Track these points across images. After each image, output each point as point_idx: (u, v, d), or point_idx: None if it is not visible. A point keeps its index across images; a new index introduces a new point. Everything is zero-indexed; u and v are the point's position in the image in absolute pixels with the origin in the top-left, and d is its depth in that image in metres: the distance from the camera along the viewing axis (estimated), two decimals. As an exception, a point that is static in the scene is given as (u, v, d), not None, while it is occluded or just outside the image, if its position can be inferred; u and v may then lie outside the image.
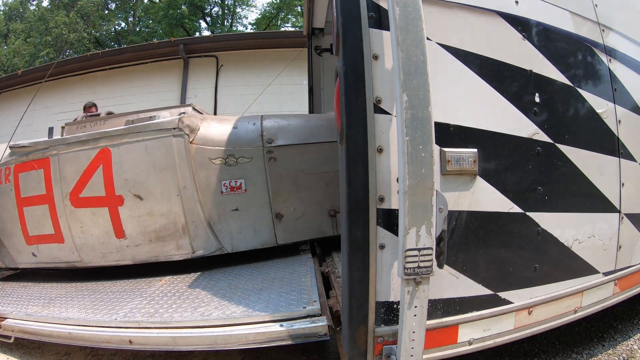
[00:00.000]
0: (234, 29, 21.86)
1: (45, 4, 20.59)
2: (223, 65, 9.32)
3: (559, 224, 2.03)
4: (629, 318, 2.91)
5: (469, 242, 1.83)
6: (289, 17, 21.91)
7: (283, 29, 20.63)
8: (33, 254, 3.29)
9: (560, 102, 2.07)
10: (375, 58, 1.68)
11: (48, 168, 3.12)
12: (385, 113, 1.68)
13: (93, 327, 2.24)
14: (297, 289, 2.40)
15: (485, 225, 1.86)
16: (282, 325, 1.97)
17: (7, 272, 3.76)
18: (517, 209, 1.91)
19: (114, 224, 3.05)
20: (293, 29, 19.36)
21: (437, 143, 1.62)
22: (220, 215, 3.10)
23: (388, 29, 1.62)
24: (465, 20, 1.86)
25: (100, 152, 3.03)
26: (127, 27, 22.40)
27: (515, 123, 1.92)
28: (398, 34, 1.51)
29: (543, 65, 2.00)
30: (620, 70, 2.31)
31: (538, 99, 1.97)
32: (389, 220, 1.67)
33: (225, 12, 22.61)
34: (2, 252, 3.43)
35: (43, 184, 3.13)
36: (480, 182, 1.83)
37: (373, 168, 1.66)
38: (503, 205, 1.89)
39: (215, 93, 9.23)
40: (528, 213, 1.94)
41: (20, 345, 2.68)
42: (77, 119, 3.87)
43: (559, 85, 2.05)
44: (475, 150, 1.80)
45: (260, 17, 22.25)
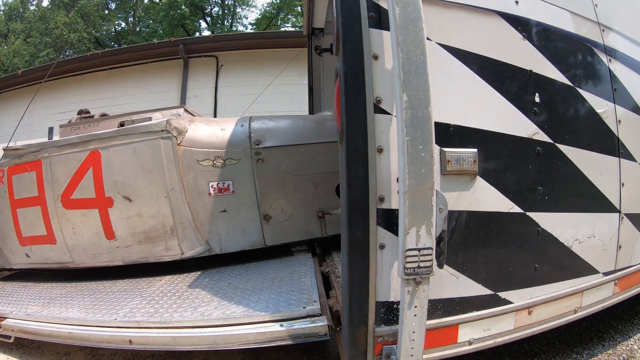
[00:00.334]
0: (234, 29, 21.88)
1: (46, 4, 20.62)
2: (223, 65, 9.33)
3: (559, 224, 2.03)
4: (629, 318, 2.91)
5: (469, 242, 1.83)
6: (289, 17, 21.94)
7: (283, 29, 20.65)
8: (27, 255, 3.33)
9: (560, 102, 2.07)
10: (375, 58, 1.68)
11: (40, 170, 3.15)
12: (385, 113, 1.68)
13: (93, 327, 2.24)
14: (297, 289, 2.40)
15: (485, 225, 1.86)
16: (282, 325, 1.97)
17: (2, 272, 3.76)
18: (517, 209, 1.91)
19: (104, 226, 3.07)
20: (293, 29, 19.37)
21: (437, 143, 1.62)
22: (208, 217, 3.11)
23: (388, 29, 1.62)
24: (465, 20, 1.86)
25: (90, 154, 3.06)
26: (127, 27, 22.42)
27: (515, 123, 1.92)
28: (398, 34, 1.51)
29: (543, 65, 2.00)
30: (620, 70, 2.31)
31: (538, 99, 1.97)
32: (389, 220, 1.67)
33: (225, 12, 22.64)
34: (-4, 252, 3.45)
35: (35, 186, 3.16)
36: (480, 182, 1.83)
37: (373, 168, 1.66)
38: (503, 205, 1.89)
39: (215, 93, 9.24)
40: (528, 213, 1.94)
41: (20, 345, 2.68)
42: (71, 121, 3.89)
43: (559, 85, 2.05)
44: (475, 150, 1.80)
45: (260, 17, 22.29)
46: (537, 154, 1.97)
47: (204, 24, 22.25)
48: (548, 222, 1.99)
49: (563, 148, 2.04)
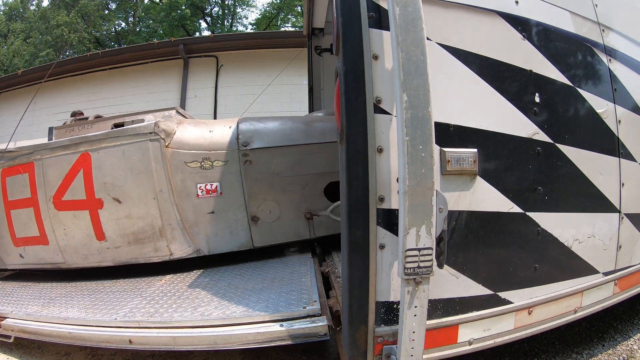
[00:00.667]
0: (234, 29, 21.89)
1: (46, 4, 20.62)
2: (223, 65, 9.32)
3: (559, 224, 2.03)
4: (629, 318, 2.91)
5: (469, 242, 1.83)
6: (289, 17, 21.95)
7: (283, 29, 20.65)
8: (20, 256, 3.37)
9: (560, 102, 2.07)
10: (375, 58, 1.68)
11: (32, 172, 3.19)
12: (385, 113, 1.68)
13: (93, 326, 2.24)
14: (297, 289, 2.41)
15: (485, 225, 1.86)
16: (282, 325, 1.97)
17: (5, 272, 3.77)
18: (517, 209, 1.91)
19: (95, 227, 3.10)
20: (293, 29, 19.37)
21: (437, 143, 1.62)
22: (197, 218, 3.13)
23: (388, 29, 1.62)
24: (465, 20, 1.86)
25: (81, 156, 3.09)
26: (127, 27, 22.42)
27: (515, 123, 1.92)
28: (398, 34, 1.51)
29: (543, 65, 2.00)
30: (620, 70, 2.31)
31: (538, 99, 1.97)
32: (389, 220, 1.67)
33: (226, 12, 22.65)
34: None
35: (28, 188, 3.20)
36: (480, 182, 1.83)
37: (373, 168, 1.66)
38: (503, 205, 1.89)
39: (215, 93, 9.23)
40: (528, 213, 1.94)
41: (20, 345, 2.68)
42: (66, 123, 3.91)
43: (559, 85, 2.05)
44: (475, 150, 1.80)
45: (260, 17, 22.30)
46: (537, 154, 1.97)
47: (204, 24, 22.29)
48: (548, 222, 1.99)
49: (563, 148, 2.04)
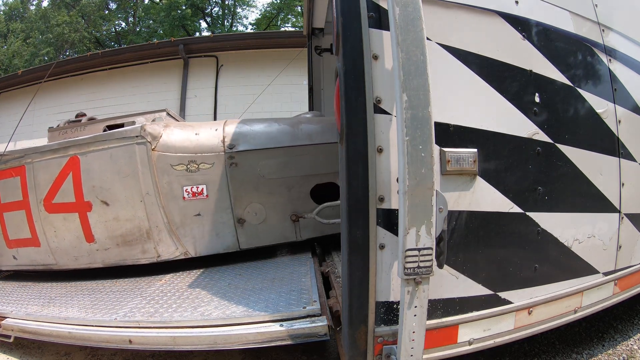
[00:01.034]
0: (234, 29, 21.87)
1: (46, 4, 20.62)
2: (223, 65, 9.33)
3: (559, 224, 2.03)
4: (629, 318, 2.91)
5: (469, 242, 1.83)
6: (289, 17, 21.93)
7: (283, 29, 20.64)
8: (14, 257, 3.41)
9: (560, 102, 2.07)
10: (375, 58, 1.68)
11: (24, 175, 3.23)
12: (385, 113, 1.68)
13: (93, 326, 2.24)
14: (297, 289, 2.40)
15: (485, 225, 1.86)
16: (282, 325, 1.97)
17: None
18: (517, 209, 1.91)
19: (84, 229, 3.14)
20: (293, 29, 19.37)
21: (437, 143, 1.62)
22: (183, 221, 3.14)
23: (388, 29, 1.62)
24: (465, 20, 1.86)
25: (70, 160, 3.12)
26: (127, 27, 22.42)
27: (515, 123, 1.92)
28: (398, 34, 1.51)
29: (543, 65, 2.00)
30: (620, 70, 2.31)
31: (538, 99, 1.97)
32: (389, 220, 1.67)
33: (226, 12, 22.64)
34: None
35: (20, 191, 3.25)
36: (480, 182, 1.83)
37: (373, 168, 1.66)
38: (503, 205, 1.89)
39: (215, 93, 9.24)
40: (528, 213, 1.94)
41: (20, 345, 2.68)
42: (59, 125, 3.92)
43: (559, 85, 2.05)
44: (475, 150, 1.80)
45: (261, 17, 22.28)
46: (537, 154, 1.96)
47: (204, 24, 22.28)
48: (548, 222, 1.99)
49: (563, 148, 2.04)
